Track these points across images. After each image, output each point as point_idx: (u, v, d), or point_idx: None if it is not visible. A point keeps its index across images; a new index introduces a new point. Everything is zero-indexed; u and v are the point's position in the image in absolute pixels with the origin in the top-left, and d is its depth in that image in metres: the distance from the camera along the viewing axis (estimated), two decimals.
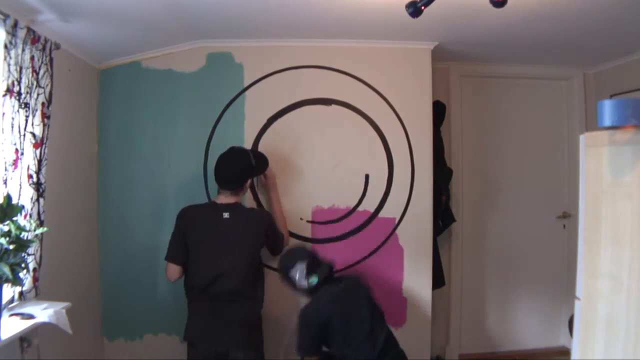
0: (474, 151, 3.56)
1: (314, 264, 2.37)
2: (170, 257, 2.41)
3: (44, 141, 2.08)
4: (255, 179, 2.80)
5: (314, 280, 2.35)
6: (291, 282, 2.37)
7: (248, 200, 2.85)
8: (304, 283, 2.33)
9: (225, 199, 2.43)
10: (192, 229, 2.38)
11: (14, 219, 1.65)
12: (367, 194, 2.95)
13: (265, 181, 2.79)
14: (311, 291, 2.37)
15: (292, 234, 2.89)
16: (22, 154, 1.92)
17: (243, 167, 2.47)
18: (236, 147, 2.59)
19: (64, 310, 1.94)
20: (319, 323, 2.31)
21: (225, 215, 2.37)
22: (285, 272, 2.39)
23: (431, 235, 3.02)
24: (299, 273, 2.36)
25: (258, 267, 2.47)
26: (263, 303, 2.50)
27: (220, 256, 2.34)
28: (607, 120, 1.13)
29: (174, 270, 2.40)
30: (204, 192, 2.88)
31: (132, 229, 2.90)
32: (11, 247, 1.62)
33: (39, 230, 1.82)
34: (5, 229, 1.64)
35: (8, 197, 1.66)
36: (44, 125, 2.08)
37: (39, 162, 2.04)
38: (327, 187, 2.92)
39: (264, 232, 2.46)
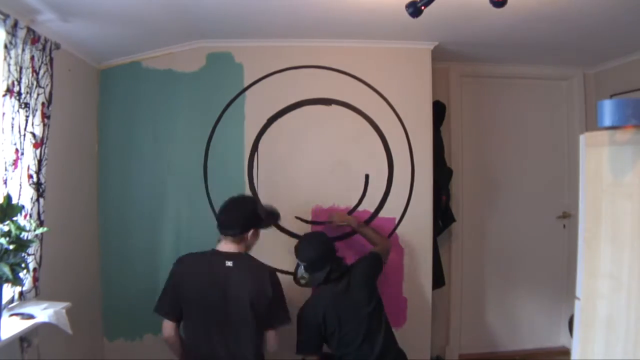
0: (474, 151, 3.56)
1: (313, 267, 2.39)
2: (161, 310, 2.12)
3: (44, 141, 2.08)
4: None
5: (303, 280, 2.45)
6: (296, 267, 2.48)
7: None
8: (297, 275, 2.45)
9: (227, 246, 2.15)
10: (189, 278, 2.10)
11: (14, 219, 1.66)
12: (367, 194, 2.95)
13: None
14: (312, 286, 2.42)
15: (292, 234, 2.89)
16: (22, 154, 1.92)
17: (246, 214, 2.21)
18: (245, 195, 2.54)
19: (64, 310, 1.94)
20: (315, 324, 2.33)
21: (228, 263, 2.09)
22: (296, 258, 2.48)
23: (431, 235, 3.02)
24: (299, 269, 2.44)
25: (261, 327, 2.14)
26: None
27: (217, 310, 2.06)
28: (607, 120, 1.13)
29: (169, 327, 2.11)
30: (204, 192, 2.88)
31: (132, 229, 2.90)
32: (11, 247, 1.62)
33: (39, 230, 1.82)
34: (5, 229, 1.64)
35: (8, 197, 1.66)
36: (44, 125, 2.08)
37: (39, 162, 2.04)
38: (327, 187, 2.92)
39: (270, 289, 2.12)
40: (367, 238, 2.74)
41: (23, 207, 1.88)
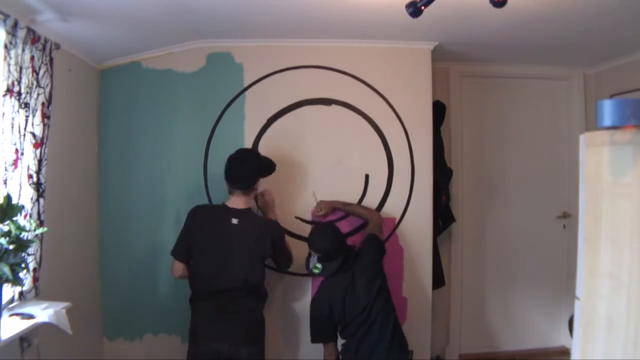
0: (474, 151, 3.56)
1: (327, 257, 2.44)
2: (175, 254, 2.39)
3: (44, 141, 2.08)
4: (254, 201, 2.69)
5: (316, 270, 2.46)
6: (308, 256, 2.54)
7: None
8: (310, 265, 2.49)
9: (236, 201, 2.39)
10: (200, 230, 2.36)
11: (14, 219, 1.65)
12: (367, 194, 2.95)
13: (263, 202, 2.67)
14: (324, 276, 2.48)
15: (292, 234, 2.89)
16: (22, 154, 1.92)
17: (253, 166, 2.44)
18: (245, 148, 2.61)
19: (64, 310, 1.94)
20: (325, 314, 2.41)
21: (234, 221, 2.34)
22: (309, 246, 2.54)
23: (431, 235, 3.02)
24: (311, 259, 2.49)
25: (262, 274, 2.42)
26: (265, 304, 2.50)
27: (224, 261, 2.32)
28: (607, 120, 1.12)
29: (178, 267, 2.39)
30: (204, 192, 2.88)
31: (132, 228, 2.90)
32: (11, 247, 1.62)
33: (39, 230, 1.82)
34: (5, 229, 1.64)
35: (8, 197, 1.66)
36: (44, 125, 2.08)
37: (39, 162, 2.04)
38: (327, 187, 2.92)
39: (270, 243, 2.40)
40: (357, 216, 2.84)
41: (23, 207, 1.88)
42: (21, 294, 1.98)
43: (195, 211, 2.43)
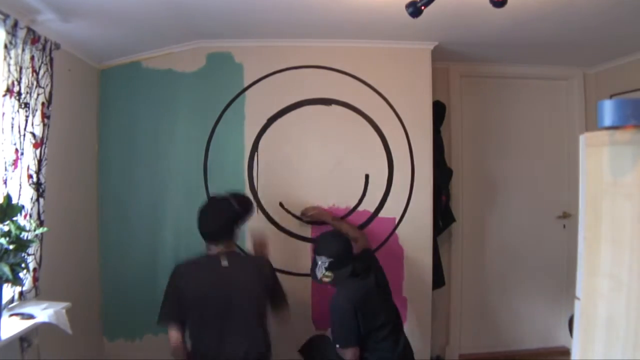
0: (474, 151, 3.56)
1: (336, 265, 2.35)
2: (165, 318, 2.08)
3: (44, 141, 2.08)
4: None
5: (326, 279, 2.38)
6: (313, 263, 2.43)
7: None
8: (318, 274, 2.38)
9: (217, 249, 2.16)
10: (189, 285, 2.08)
11: (14, 219, 1.66)
12: (367, 194, 2.95)
13: (259, 249, 2.49)
14: (335, 283, 2.39)
15: (292, 234, 2.89)
16: (22, 154, 1.92)
17: (227, 215, 2.19)
18: (215, 195, 2.43)
19: (64, 310, 1.94)
20: (352, 313, 2.31)
21: (224, 263, 2.11)
22: (314, 255, 2.44)
23: (431, 235, 3.02)
24: (320, 262, 2.38)
25: (265, 318, 2.19)
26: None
27: (222, 311, 2.07)
28: (607, 120, 1.12)
29: (175, 334, 2.06)
30: (203, 192, 2.88)
31: (132, 229, 2.90)
32: (11, 247, 1.62)
33: (39, 230, 1.82)
34: (5, 229, 1.64)
35: (8, 197, 1.66)
36: (44, 125, 2.08)
37: (39, 162, 2.04)
38: (327, 187, 2.92)
39: (268, 281, 2.20)
40: (344, 232, 2.69)
41: (23, 207, 1.88)
42: (21, 294, 1.98)
43: (178, 269, 2.13)
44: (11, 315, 1.82)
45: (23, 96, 1.91)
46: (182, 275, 2.11)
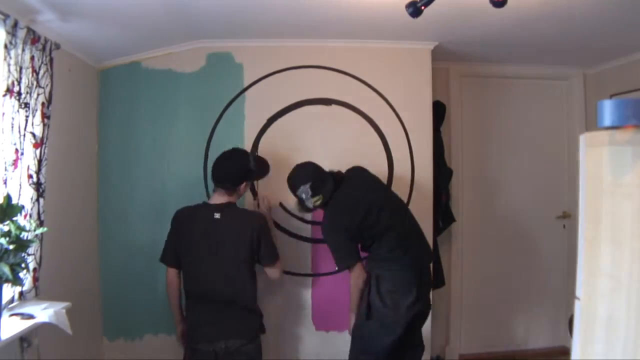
0: (474, 151, 3.56)
1: (318, 184, 2.35)
2: (165, 259, 2.41)
3: (44, 141, 2.08)
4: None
5: (318, 201, 2.37)
6: (300, 202, 2.42)
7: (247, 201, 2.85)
8: (310, 205, 2.39)
9: (218, 198, 2.35)
10: (184, 231, 2.33)
11: (14, 219, 1.65)
12: None
13: (259, 208, 2.69)
14: (322, 207, 2.39)
15: (292, 234, 2.89)
16: (22, 154, 1.92)
17: (240, 167, 2.38)
18: (238, 148, 2.56)
19: (64, 310, 1.94)
20: (344, 229, 2.31)
21: (217, 215, 2.29)
22: (293, 192, 2.43)
23: (431, 235, 3.02)
24: (304, 194, 2.37)
25: (251, 267, 2.35)
26: (257, 297, 2.41)
27: (209, 258, 2.28)
28: (607, 120, 1.13)
29: (171, 273, 2.41)
30: (203, 192, 2.88)
31: (132, 229, 2.90)
32: (11, 247, 1.62)
33: (39, 230, 1.82)
34: (5, 229, 1.64)
35: (8, 197, 1.66)
36: (44, 125, 2.08)
37: (39, 162, 2.04)
38: None
39: (255, 235, 2.30)
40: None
41: (23, 207, 1.88)
42: (21, 294, 1.98)
43: (177, 215, 2.39)
44: (11, 315, 1.81)
45: (23, 96, 1.91)
46: (180, 221, 2.36)
